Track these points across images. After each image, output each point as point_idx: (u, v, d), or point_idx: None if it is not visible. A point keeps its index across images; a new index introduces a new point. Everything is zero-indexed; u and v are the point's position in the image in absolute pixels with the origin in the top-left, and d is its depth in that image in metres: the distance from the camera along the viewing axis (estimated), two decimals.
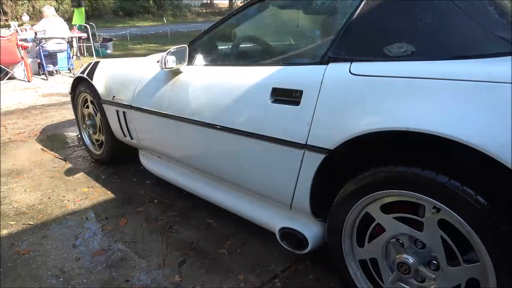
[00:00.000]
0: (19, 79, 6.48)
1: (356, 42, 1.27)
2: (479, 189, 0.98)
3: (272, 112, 1.41)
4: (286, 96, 1.37)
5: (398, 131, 1.06)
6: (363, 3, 1.27)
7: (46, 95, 5.43)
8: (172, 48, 1.82)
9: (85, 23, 8.80)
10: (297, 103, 1.33)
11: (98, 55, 8.70)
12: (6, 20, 17.40)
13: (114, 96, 2.33)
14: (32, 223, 2.08)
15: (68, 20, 9.13)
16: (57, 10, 7.43)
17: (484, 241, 0.99)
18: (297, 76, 1.38)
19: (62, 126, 3.92)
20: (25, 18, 9.30)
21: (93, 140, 2.89)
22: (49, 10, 6.87)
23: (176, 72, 1.86)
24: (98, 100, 2.51)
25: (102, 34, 11.19)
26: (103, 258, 1.76)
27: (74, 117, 3.05)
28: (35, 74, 6.76)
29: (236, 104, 1.56)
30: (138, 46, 11.90)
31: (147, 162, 2.40)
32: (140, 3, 23.49)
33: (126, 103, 2.21)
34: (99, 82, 2.48)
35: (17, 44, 6.22)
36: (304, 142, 1.31)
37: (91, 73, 2.56)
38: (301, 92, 1.32)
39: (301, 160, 1.33)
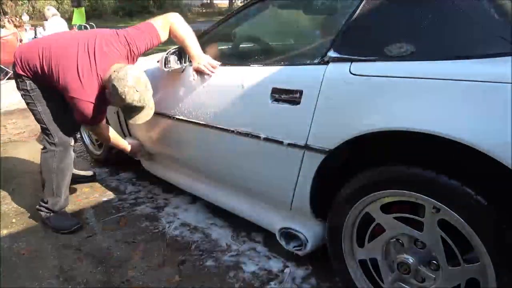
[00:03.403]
0: None
1: (356, 42, 1.27)
2: (479, 189, 0.98)
3: (272, 112, 1.41)
4: (286, 96, 1.37)
5: (398, 131, 1.06)
6: (363, 3, 1.26)
7: None
8: (172, 48, 1.82)
9: (85, 23, 8.79)
10: (297, 103, 1.33)
11: None
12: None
13: None
14: (32, 223, 2.09)
15: (68, 20, 9.12)
16: (57, 10, 7.45)
17: (484, 241, 0.99)
18: (297, 76, 1.38)
19: None
20: (25, 18, 9.29)
21: (93, 140, 2.88)
22: (48, 12, 6.92)
23: (176, 72, 1.86)
24: None
25: None
26: (103, 258, 1.76)
27: None
28: None
29: (236, 104, 1.56)
30: None
31: (147, 162, 2.40)
32: (140, 3, 23.45)
33: None
34: None
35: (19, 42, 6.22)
36: (304, 142, 1.31)
37: None
38: (301, 92, 1.31)
39: (301, 160, 1.33)
